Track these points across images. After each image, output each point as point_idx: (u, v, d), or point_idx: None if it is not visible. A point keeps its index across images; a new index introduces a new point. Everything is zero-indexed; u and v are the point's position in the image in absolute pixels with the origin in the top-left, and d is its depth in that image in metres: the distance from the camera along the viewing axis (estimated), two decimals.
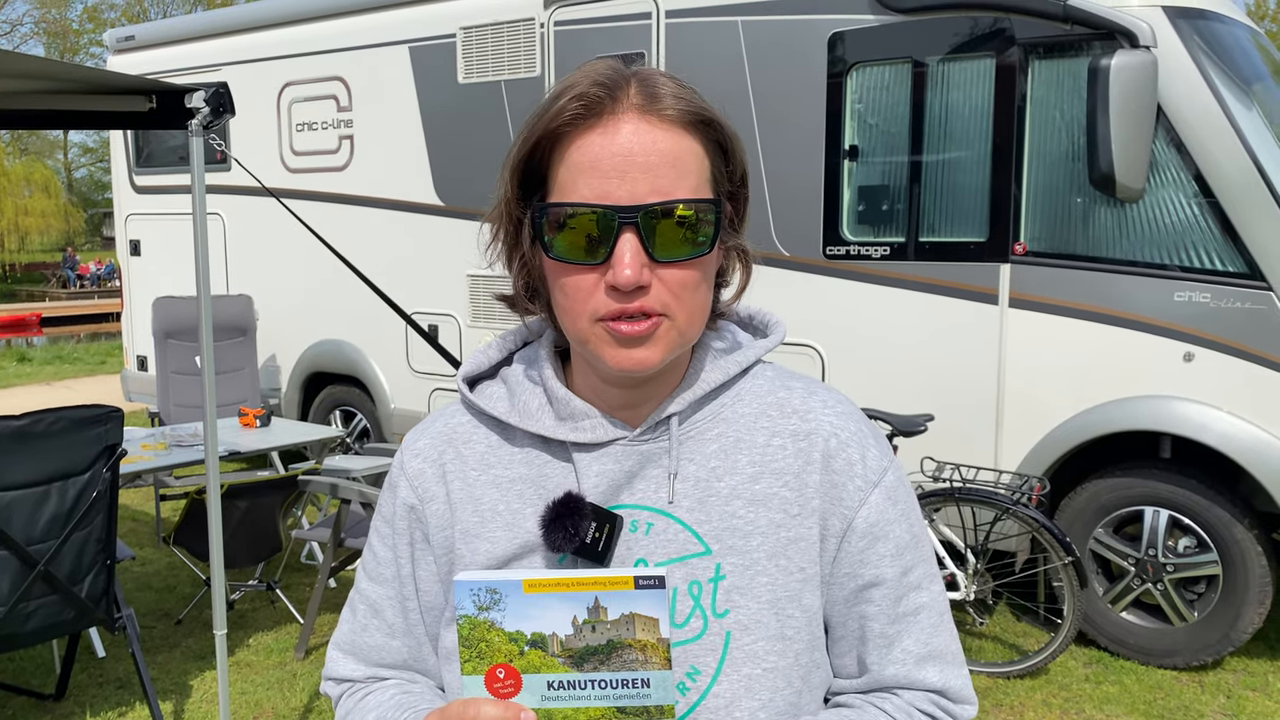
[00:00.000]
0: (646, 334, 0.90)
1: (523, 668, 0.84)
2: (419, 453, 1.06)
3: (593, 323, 0.90)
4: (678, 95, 0.90)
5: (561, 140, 0.90)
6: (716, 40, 4.88)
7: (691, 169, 0.90)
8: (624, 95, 0.89)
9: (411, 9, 5.91)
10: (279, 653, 4.41)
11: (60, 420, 3.19)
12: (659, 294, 0.90)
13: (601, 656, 0.83)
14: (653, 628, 0.83)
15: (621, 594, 0.82)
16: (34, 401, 11.16)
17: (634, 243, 0.87)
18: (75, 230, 40.25)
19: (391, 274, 5.98)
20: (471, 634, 0.84)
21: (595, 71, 0.91)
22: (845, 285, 4.68)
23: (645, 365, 0.91)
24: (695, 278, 0.92)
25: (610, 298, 0.89)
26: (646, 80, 0.91)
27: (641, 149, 0.88)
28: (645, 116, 0.89)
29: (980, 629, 4.56)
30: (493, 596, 0.83)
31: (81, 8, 43.95)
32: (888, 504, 1.00)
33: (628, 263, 0.87)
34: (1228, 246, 3.94)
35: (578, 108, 0.88)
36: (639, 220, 0.87)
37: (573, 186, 0.89)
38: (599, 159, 0.88)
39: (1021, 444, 4.36)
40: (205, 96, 3.05)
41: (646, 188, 0.87)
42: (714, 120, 0.93)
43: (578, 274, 0.90)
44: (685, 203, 0.89)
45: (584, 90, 0.89)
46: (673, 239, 0.88)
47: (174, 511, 6.22)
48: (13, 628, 3.22)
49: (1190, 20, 4.09)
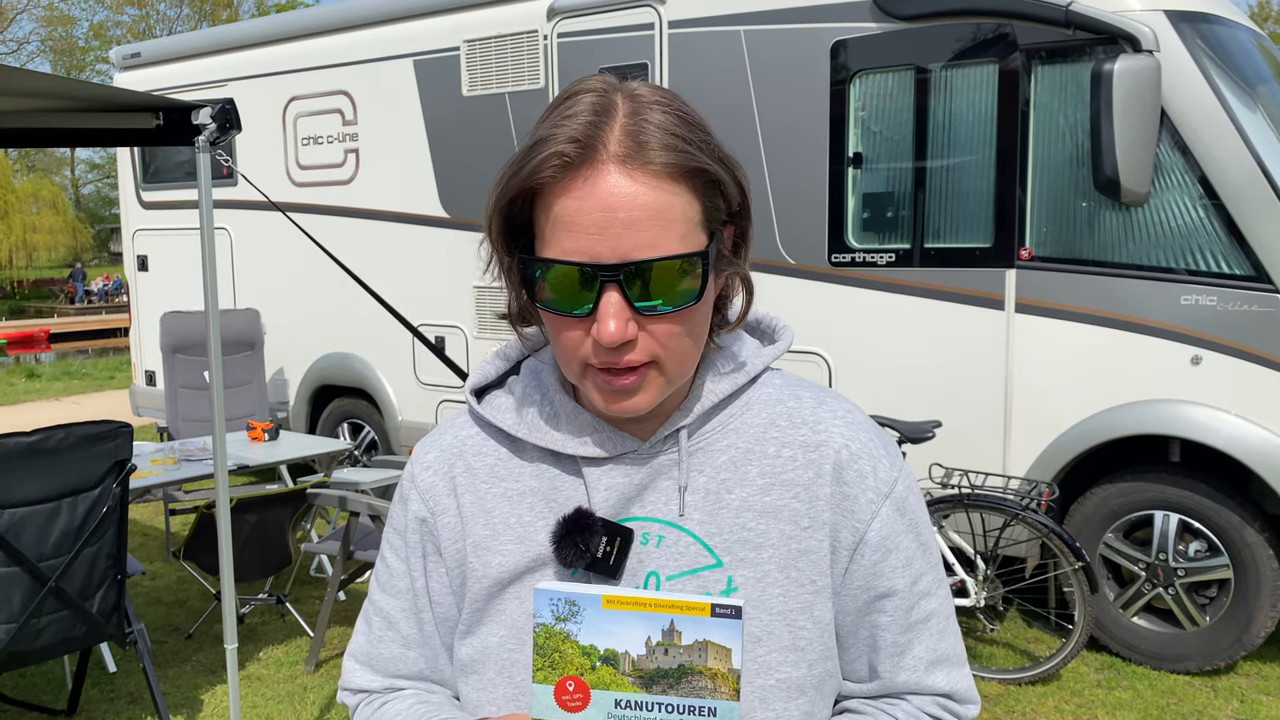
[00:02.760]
0: (635, 385, 0.90)
1: (593, 683, 0.85)
2: (429, 465, 1.06)
3: (583, 369, 0.91)
4: (666, 145, 0.85)
5: (540, 194, 0.88)
6: (719, 50, 4.89)
7: (676, 219, 0.86)
8: (603, 146, 0.85)
9: (415, 23, 5.94)
10: (289, 666, 4.41)
11: (70, 436, 3.21)
12: (646, 345, 0.89)
13: (671, 680, 0.84)
14: (725, 657, 0.83)
15: (697, 620, 0.83)
16: (43, 417, 11.20)
17: (617, 299, 0.86)
18: (82, 246, 40.44)
19: (398, 286, 6.00)
20: (546, 643, 0.85)
21: (578, 117, 0.86)
22: (851, 292, 4.68)
23: (636, 410, 0.92)
24: (681, 328, 0.90)
25: (597, 351, 0.88)
26: (634, 125, 0.86)
27: (623, 204, 0.84)
28: (627, 169, 0.85)
29: (991, 635, 4.55)
30: (571, 608, 0.84)
31: (87, 25, 44.22)
32: (898, 515, 1.00)
33: (610, 320, 0.85)
34: (1234, 249, 3.93)
35: (553, 167, 0.85)
36: (621, 278, 0.85)
37: (555, 241, 0.86)
38: (578, 215, 0.85)
39: (1030, 449, 4.35)
40: (211, 113, 3.07)
41: (630, 244, 0.84)
42: (704, 169, 0.88)
43: (565, 325, 0.90)
44: (669, 258, 0.86)
45: (561, 148, 0.85)
46: (658, 292, 0.86)
47: (183, 526, 6.23)
48: (24, 644, 3.23)
49: (1193, 24, 4.09)
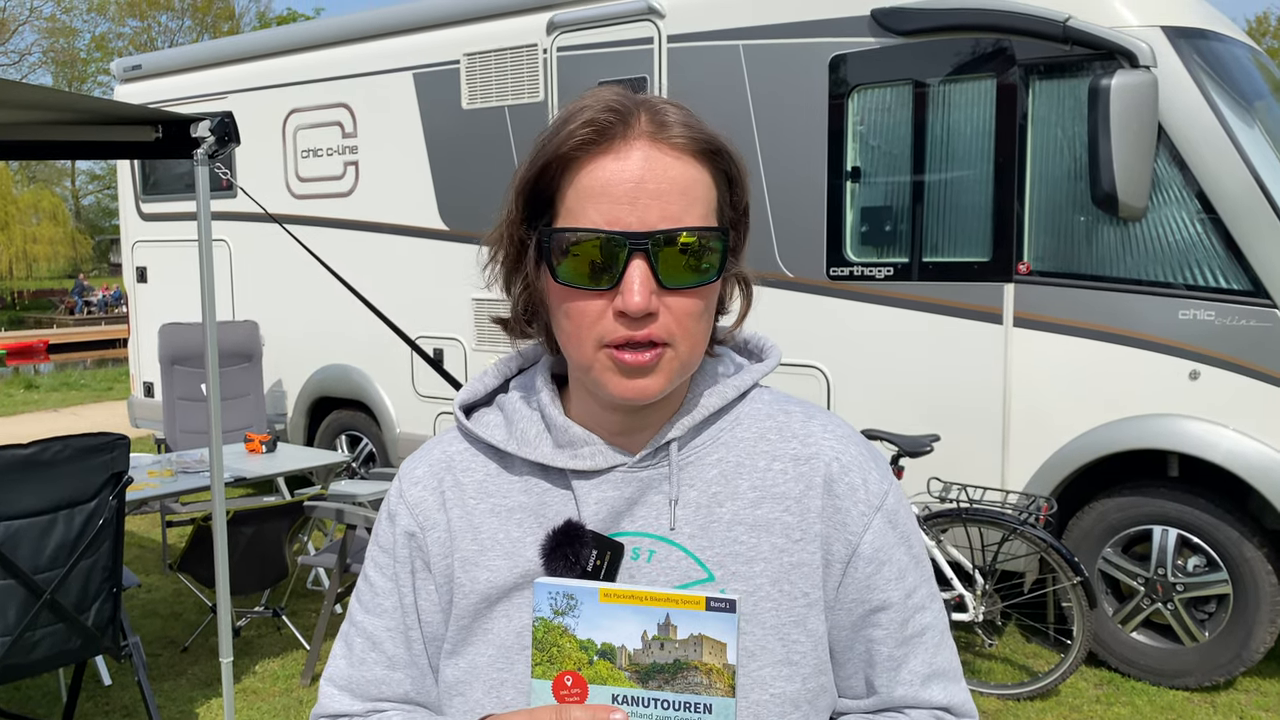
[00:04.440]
0: (650, 364, 0.90)
1: (590, 677, 0.85)
2: (418, 480, 1.05)
3: (597, 349, 0.91)
4: (686, 124, 0.91)
5: (571, 165, 0.90)
6: (718, 64, 4.91)
7: (699, 197, 0.91)
8: (635, 122, 0.90)
9: (416, 36, 5.96)
10: (285, 679, 4.39)
11: (67, 449, 3.20)
12: (665, 322, 0.90)
13: (667, 675, 0.84)
14: (720, 652, 0.83)
15: (692, 614, 0.83)
16: (41, 428, 11.20)
17: (644, 269, 0.88)
18: (82, 257, 40.49)
19: (396, 298, 6.00)
20: (545, 637, 0.85)
21: (605, 98, 0.91)
22: (849, 306, 4.69)
23: (647, 394, 0.92)
24: (700, 306, 0.92)
25: (619, 323, 0.89)
26: (655, 108, 0.91)
27: (653, 176, 0.88)
28: (656, 144, 0.89)
29: (989, 650, 4.53)
30: (569, 602, 0.85)
31: (89, 37, 44.37)
32: (890, 528, 1.00)
33: (637, 289, 0.87)
34: (1231, 264, 3.94)
35: (589, 133, 0.89)
36: (649, 247, 0.88)
37: (582, 211, 0.89)
38: (610, 185, 0.88)
39: (1028, 463, 4.35)
40: (210, 125, 3.08)
41: (657, 214, 0.88)
42: (722, 149, 0.93)
43: (584, 299, 0.90)
44: (695, 230, 0.89)
45: (595, 115, 0.89)
46: (680, 267, 0.89)
47: (180, 538, 6.22)
48: (19, 657, 3.21)
49: (1189, 40, 4.11)
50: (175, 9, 44.10)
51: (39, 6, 42.56)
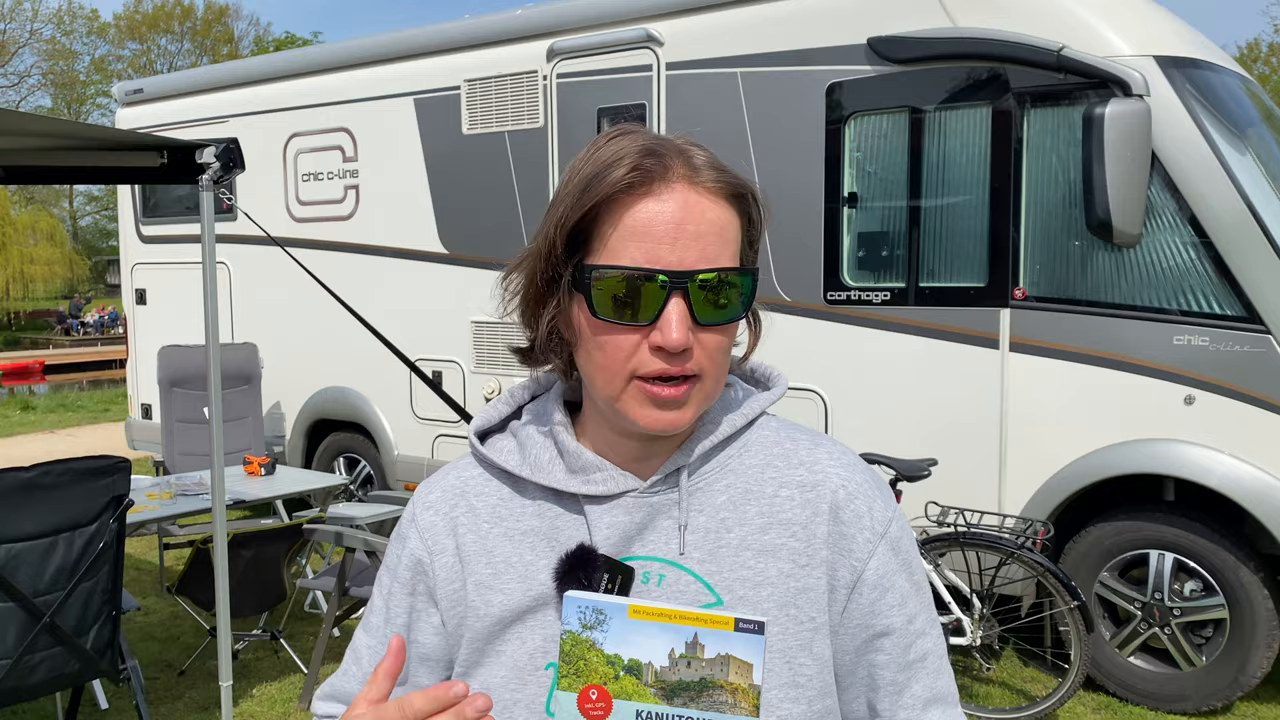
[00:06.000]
0: (683, 398, 0.94)
1: (615, 692, 0.86)
2: (430, 505, 1.08)
3: (628, 381, 0.94)
4: (715, 167, 0.96)
5: (613, 205, 0.94)
6: (717, 91, 4.96)
7: (731, 238, 0.96)
8: (673, 165, 0.94)
9: (416, 61, 6.02)
10: (283, 704, 4.38)
11: (69, 472, 3.21)
12: (698, 357, 0.94)
13: (692, 693, 0.85)
14: (746, 672, 0.84)
15: (721, 633, 0.84)
16: (37, 449, 11.17)
17: (682, 307, 0.92)
18: (80, 278, 40.48)
19: (396, 321, 6.02)
20: (572, 650, 0.86)
21: (641, 141, 0.95)
22: (847, 330, 4.72)
23: (677, 426, 0.95)
24: (727, 342, 0.98)
25: (655, 357, 0.93)
26: (685, 152, 0.96)
27: (692, 218, 0.93)
28: (694, 187, 0.94)
29: (987, 674, 4.53)
30: (598, 616, 0.86)
31: (89, 60, 44.56)
32: (893, 555, 1.02)
33: (676, 325, 0.92)
34: (1225, 290, 3.97)
35: (635, 175, 0.93)
36: (688, 286, 0.92)
37: (623, 249, 0.93)
38: (651, 225, 0.92)
39: (1025, 488, 4.37)
40: (215, 152, 3.11)
41: (695, 254, 0.93)
42: (750, 193, 0.99)
43: (620, 333, 0.94)
44: (730, 270, 0.95)
45: (638, 161, 0.93)
46: (714, 304, 0.94)
47: (178, 560, 6.21)
48: (18, 680, 3.21)
49: (1182, 69, 4.16)
50: (175, 32, 44.38)
51: (39, 29, 42.72)
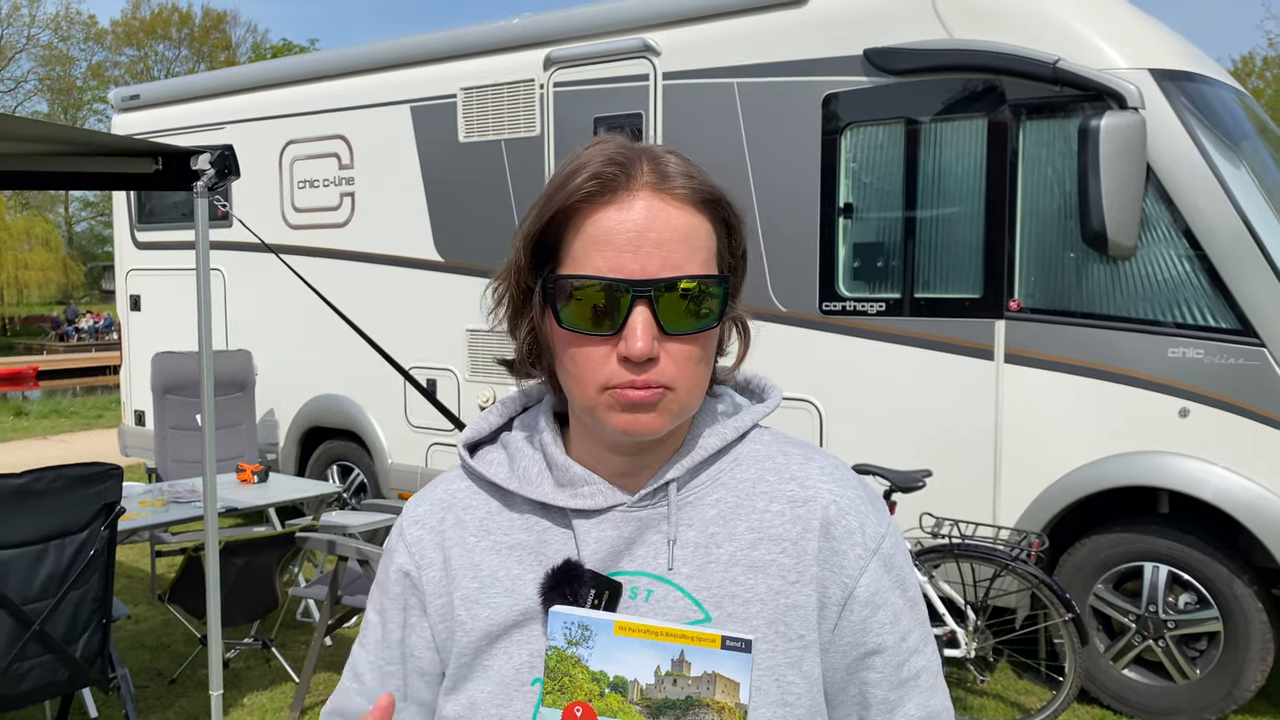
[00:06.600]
0: (653, 401, 0.92)
1: (600, 709, 0.85)
2: (418, 519, 1.07)
3: (600, 391, 0.93)
4: (687, 174, 0.94)
5: (576, 214, 0.93)
6: (713, 101, 4.96)
7: (700, 245, 0.94)
8: (638, 173, 0.93)
9: (413, 70, 6.02)
10: (274, 712, 4.35)
11: (60, 479, 3.20)
12: (665, 366, 0.92)
13: (678, 711, 0.84)
14: (733, 691, 0.83)
15: (707, 651, 0.83)
16: (30, 456, 11.12)
17: (646, 315, 0.90)
18: (74, 284, 40.42)
19: (390, 329, 6.01)
20: (557, 666, 0.85)
21: (608, 150, 0.94)
22: (842, 341, 4.71)
23: (649, 431, 0.93)
24: (699, 351, 0.95)
25: (622, 368, 0.91)
26: (657, 159, 0.94)
27: (655, 225, 0.91)
28: (658, 194, 0.92)
29: (982, 687, 4.52)
30: (583, 632, 0.85)
31: (86, 65, 44.56)
32: (885, 572, 1.01)
33: (639, 335, 0.90)
34: (1219, 303, 3.98)
35: (594, 184, 0.92)
36: (651, 294, 0.90)
37: (586, 259, 0.92)
38: (613, 233, 0.91)
39: (1019, 499, 4.36)
40: (210, 159, 3.10)
41: (659, 262, 0.91)
42: (721, 199, 0.96)
43: (588, 344, 0.93)
44: (695, 278, 0.92)
45: (599, 169, 0.92)
46: (681, 313, 0.92)
47: (169, 568, 6.18)
48: (6, 688, 3.19)
49: (1176, 82, 4.17)
50: (172, 38, 44.41)
51: (36, 34, 42.72)
